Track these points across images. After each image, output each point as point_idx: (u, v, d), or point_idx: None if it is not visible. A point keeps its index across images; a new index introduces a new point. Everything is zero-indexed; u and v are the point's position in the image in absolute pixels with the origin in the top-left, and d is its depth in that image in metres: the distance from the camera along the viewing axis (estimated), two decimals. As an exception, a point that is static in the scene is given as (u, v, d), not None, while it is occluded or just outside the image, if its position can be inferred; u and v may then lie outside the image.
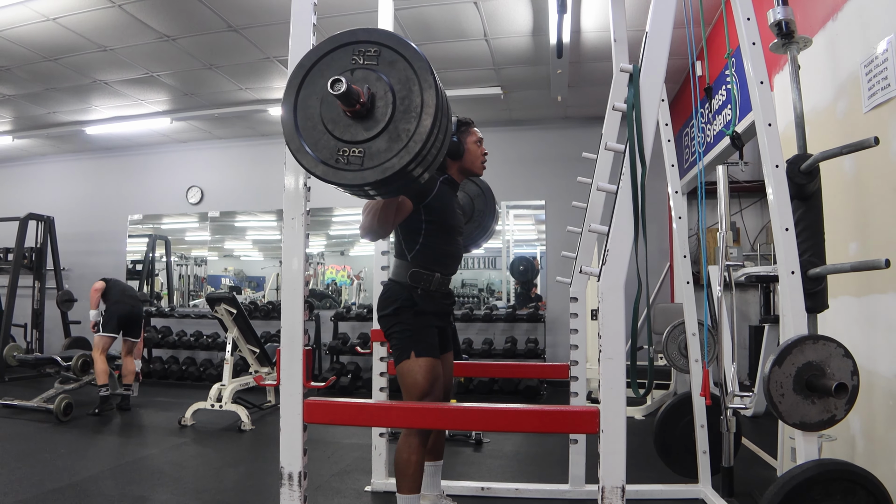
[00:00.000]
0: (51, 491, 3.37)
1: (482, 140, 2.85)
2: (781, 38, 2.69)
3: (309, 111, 1.83)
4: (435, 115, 1.75)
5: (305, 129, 1.83)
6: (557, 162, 7.84)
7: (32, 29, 5.32)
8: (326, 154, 1.80)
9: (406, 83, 1.78)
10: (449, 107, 1.91)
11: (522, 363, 6.19)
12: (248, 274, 9.17)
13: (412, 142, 1.75)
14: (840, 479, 1.93)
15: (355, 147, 1.78)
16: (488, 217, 3.30)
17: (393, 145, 1.76)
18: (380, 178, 1.76)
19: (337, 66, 1.82)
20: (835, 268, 2.33)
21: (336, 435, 4.72)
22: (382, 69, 1.80)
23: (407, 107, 1.77)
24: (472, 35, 5.57)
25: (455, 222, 2.73)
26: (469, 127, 2.82)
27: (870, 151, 2.27)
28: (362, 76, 1.80)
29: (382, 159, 1.76)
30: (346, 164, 1.78)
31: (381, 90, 1.79)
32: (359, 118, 1.78)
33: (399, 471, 2.49)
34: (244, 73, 6.50)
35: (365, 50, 1.82)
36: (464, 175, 2.86)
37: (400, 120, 1.77)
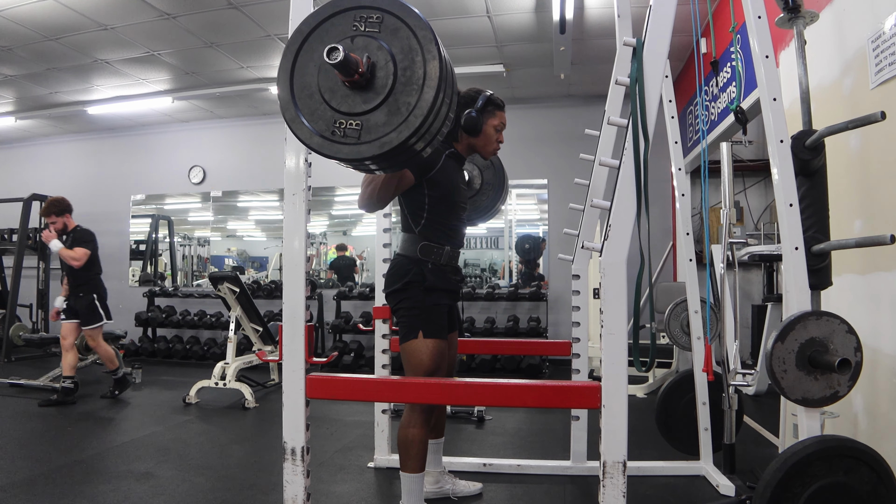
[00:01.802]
0: (57, 468, 3.41)
1: (503, 126, 2.73)
2: (788, 13, 2.66)
3: (306, 79, 1.76)
4: (438, 88, 1.66)
5: (302, 98, 1.76)
6: (560, 140, 7.80)
7: (33, 8, 5.28)
8: (322, 125, 1.73)
9: (409, 53, 1.69)
10: (454, 79, 1.82)
11: (524, 341, 6.20)
12: (252, 254, 9.18)
13: (412, 116, 1.66)
14: (842, 456, 1.94)
15: (353, 119, 1.71)
16: (497, 190, 3.22)
17: (392, 119, 1.68)
18: (377, 153, 1.69)
19: (337, 32, 1.74)
20: (839, 244, 2.32)
21: (339, 412, 4.75)
22: (384, 37, 1.71)
23: (409, 78, 1.68)
24: (475, 11, 5.51)
25: (458, 197, 2.66)
26: (497, 109, 2.69)
27: (876, 127, 2.25)
28: (363, 44, 1.71)
29: (381, 133, 1.68)
30: (342, 136, 1.71)
31: (382, 59, 1.70)
32: (357, 88, 1.71)
33: (403, 450, 2.48)
34: (245, 51, 6.46)
35: (367, 16, 1.73)
36: (471, 153, 2.76)
37: (401, 92, 1.68)
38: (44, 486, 3.12)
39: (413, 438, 2.46)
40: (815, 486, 1.91)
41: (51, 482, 3.17)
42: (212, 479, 3.31)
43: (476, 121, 2.61)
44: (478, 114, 2.62)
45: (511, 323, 7.31)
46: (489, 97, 2.66)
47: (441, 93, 1.69)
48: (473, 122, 2.61)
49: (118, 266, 9.24)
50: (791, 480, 1.90)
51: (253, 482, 3.26)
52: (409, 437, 2.46)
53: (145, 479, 3.26)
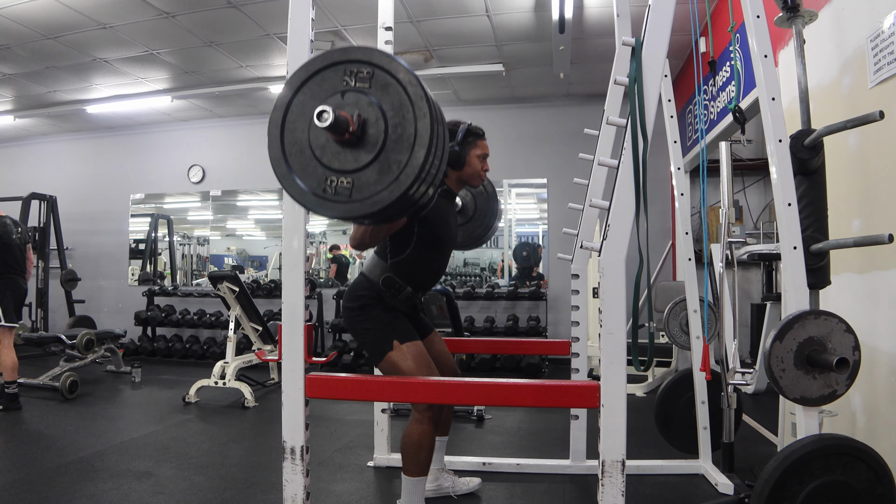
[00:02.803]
0: (57, 467, 3.41)
1: (487, 156, 2.74)
2: (786, 12, 2.66)
3: (297, 134, 1.74)
4: (429, 147, 1.64)
5: (292, 153, 1.73)
6: (560, 140, 7.80)
7: (32, 6, 5.27)
8: (314, 182, 1.71)
9: (399, 110, 1.67)
10: (446, 134, 1.78)
11: (524, 340, 6.20)
12: (251, 253, 9.17)
13: (403, 174, 1.65)
14: (840, 454, 1.94)
15: (344, 177, 1.69)
16: (490, 217, 3.22)
17: (383, 177, 1.66)
18: (369, 212, 1.67)
19: (327, 86, 1.72)
20: (838, 243, 2.32)
21: (339, 412, 4.76)
22: (375, 93, 1.69)
23: (399, 136, 1.66)
24: (474, 11, 5.51)
25: (448, 237, 2.66)
26: (477, 139, 2.69)
27: (874, 127, 2.25)
28: (353, 99, 1.69)
29: (372, 192, 1.67)
30: (334, 194, 1.69)
31: (373, 116, 1.68)
32: (348, 146, 1.69)
33: (408, 454, 2.45)
34: (244, 50, 6.45)
35: (357, 70, 1.71)
36: (461, 186, 2.76)
37: (392, 150, 1.66)
38: (44, 485, 3.13)
39: (420, 443, 2.43)
40: (814, 485, 1.91)
41: (51, 481, 3.18)
42: (211, 478, 3.32)
43: (459, 154, 2.62)
44: (459, 147, 2.63)
45: (510, 322, 7.31)
46: (468, 128, 2.66)
47: (432, 150, 1.67)
48: (457, 156, 2.62)
49: (117, 265, 9.26)
50: (789, 479, 1.91)
51: (252, 481, 3.27)
52: (416, 441, 2.43)
53: (145, 478, 3.26)
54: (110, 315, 8.94)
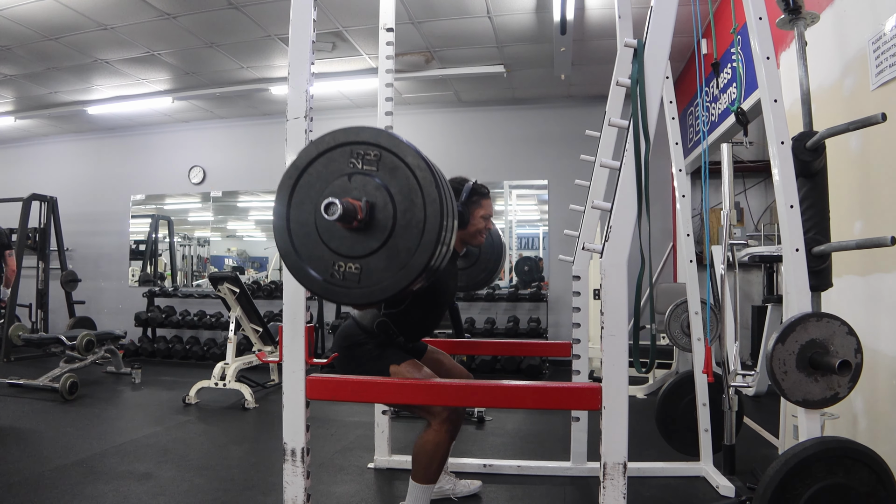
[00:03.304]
0: (57, 468, 3.41)
1: (490, 217, 2.71)
2: (789, 14, 2.66)
3: (303, 217, 1.70)
4: (439, 232, 1.61)
5: (299, 236, 1.70)
6: (561, 141, 7.79)
7: (33, 8, 5.28)
8: (321, 267, 1.67)
9: (408, 194, 1.63)
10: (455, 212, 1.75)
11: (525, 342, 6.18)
12: (251, 254, 9.17)
13: (413, 262, 1.61)
14: (842, 457, 1.94)
15: (352, 262, 1.65)
16: (493, 263, 3.21)
17: (392, 264, 1.63)
18: (378, 299, 1.65)
19: (334, 168, 1.68)
20: (840, 245, 2.32)
21: (339, 413, 4.75)
22: (383, 176, 1.65)
23: (408, 221, 1.62)
24: (475, 12, 5.51)
25: (446, 297, 2.66)
26: (482, 198, 2.66)
27: (876, 129, 2.25)
28: (361, 182, 1.65)
29: (380, 279, 1.63)
30: (342, 280, 1.65)
31: (381, 200, 1.64)
32: (356, 231, 1.65)
33: (420, 461, 2.43)
34: (245, 51, 6.45)
35: (364, 153, 1.67)
36: (464, 244, 2.75)
37: (400, 235, 1.63)
38: (43, 486, 3.12)
39: (436, 453, 2.41)
40: (815, 488, 1.91)
41: (50, 483, 3.17)
42: (212, 479, 3.31)
43: (463, 214, 2.58)
44: (464, 206, 2.59)
45: (511, 324, 7.31)
46: (473, 187, 2.62)
47: (442, 234, 1.63)
48: (461, 216, 2.56)
49: (118, 266, 9.26)
50: (791, 481, 1.90)
51: (253, 483, 3.26)
52: (429, 451, 2.41)
53: (145, 480, 3.25)
54: (110, 316, 8.94)
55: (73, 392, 5.23)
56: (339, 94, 7.74)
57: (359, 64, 6.80)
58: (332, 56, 6.51)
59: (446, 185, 1.69)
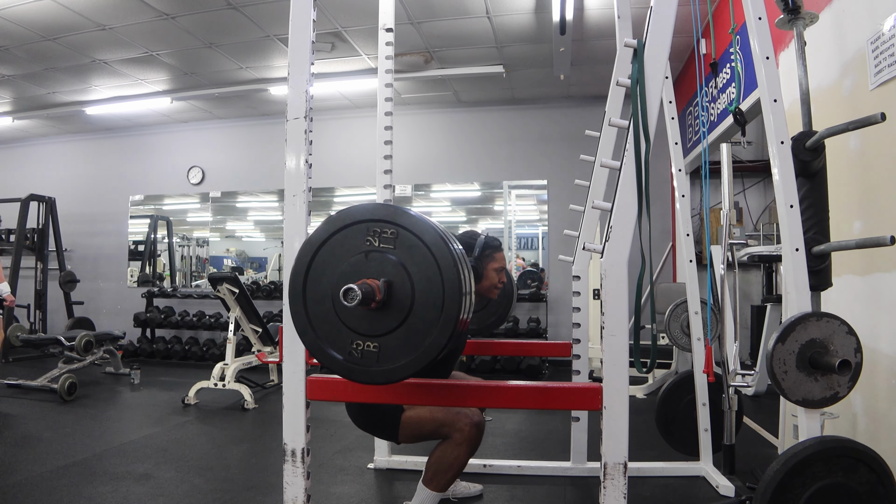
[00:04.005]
0: (56, 469, 3.40)
1: (503, 269, 2.71)
2: (788, 14, 2.67)
3: (320, 295, 1.67)
4: (458, 309, 1.59)
5: (317, 315, 1.67)
6: (560, 141, 7.79)
7: (31, 8, 5.27)
8: (339, 346, 1.65)
9: (426, 272, 1.61)
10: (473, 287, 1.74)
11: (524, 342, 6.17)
12: (250, 255, 9.17)
13: (433, 340, 1.59)
14: (842, 456, 1.94)
15: (370, 341, 1.63)
16: (503, 309, 3.20)
17: (411, 341, 1.61)
18: (398, 378, 1.63)
19: (349, 245, 1.66)
20: (839, 245, 2.32)
21: (338, 413, 4.74)
22: (400, 254, 1.63)
23: (426, 301, 1.60)
24: (475, 12, 5.51)
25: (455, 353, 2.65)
26: (495, 251, 2.66)
27: (876, 129, 2.25)
28: (378, 261, 1.63)
29: (399, 359, 1.61)
30: (359, 358, 1.63)
31: (399, 279, 1.62)
32: (374, 310, 1.63)
33: (436, 470, 2.42)
34: (244, 51, 6.45)
35: (381, 230, 1.64)
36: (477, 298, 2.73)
37: (419, 314, 1.61)
38: (43, 487, 3.12)
39: (452, 465, 2.41)
40: (815, 487, 1.91)
41: (50, 483, 3.17)
42: (211, 480, 3.31)
43: (477, 269, 2.59)
44: (477, 261, 2.59)
45: (511, 324, 7.30)
46: (485, 241, 2.63)
47: (462, 312, 1.62)
48: (475, 271, 2.56)
49: (116, 267, 9.25)
50: (791, 481, 1.90)
51: (252, 483, 3.26)
52: (448, 463, 2.40)
53: (145, 480, 3.25)
54: (109, 316, 8.94)
55: (71, 393, 5.22)
56: (338, 94, 7.74)
57: (358, 64, 6.80)
58: (331, 56, 6.50)
59: (464, 262, 1.67)
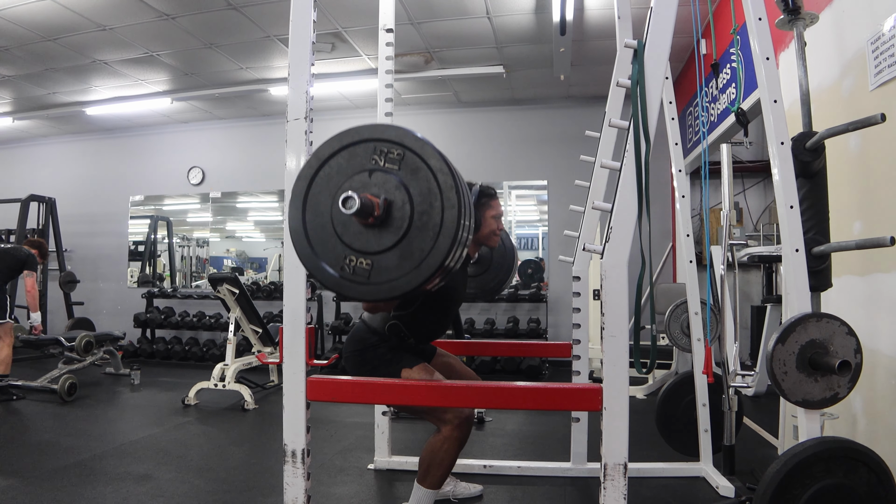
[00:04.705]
0: (56, 469, 3.40)
1: (501, 214, 2.73)
2: (788, 14, 2.67)
3: (320, 207, 1.69)
4: (454, 238, 1.60)
5: (313, 226, 1.69)
6: (560, 141, 7.79)
7: (31, 8, 5.27)
8: (332, 259, 1.67)
9: (427, 196, 1.62)
10: (472, 218, 1.76)
11: (525, 342, 6.18)
12: (250, 255, 9.16)
13: (425, 264, 1.60)
14: (842, 457, 1.94)
15: (364, 258, 1.64)
16: (505, 272, 3.22)
17: (404, 263, 1.62)
18: (386, 297, 1.64)
19: (355, 163, 1.68)
20: (839, 245, 2.32)
21: (339, 414, 4.75)
22: (404, 175, 1.64)
23: (424, 223, 1.61)
24: (475, 13, 5.51)
25: (457, 298, 2.66)
26: (490, 199, 2.68)
27: (875, 129, 2.25)
28: (381, 180, 1.65)
29: (391, 277, 1.62)
30: (351, 274, 1.65)
31: (399, 200, 1.63)
32: (371, 227, 1.65)
33: (433, 466, 2.43)
34: (244, 52, 6.45)
35: (388, 150, 1.66)
36: (477, 247, 2.76)
37: (415, 237, 1.62)
38: (42, 488, 3.11)
39: (442, 461, 2.42)
40: (815, 488, 1.91)
41: (49, 484, 3.17)
42: (211, 480, 3.31)
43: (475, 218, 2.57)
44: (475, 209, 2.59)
45: (511, 324, 7.31)
46: (480, 189, 2.64)
47: (457, 240, 1.63)
48: None
49: (116, 267, 9.25)
50: (791, 482, 1.90)
51: (253, 484, 3.26)
52: (439, 458, 2.42)
53: (144, 481, 3.25)
54: (109, 317, 8.93)
55: (71, 393, 5.22)
56: (338, 94, 7.74)
57: (358, 65, 6.80)
58: (331, 57, 6.50)
59: (466, 192, 1.68)
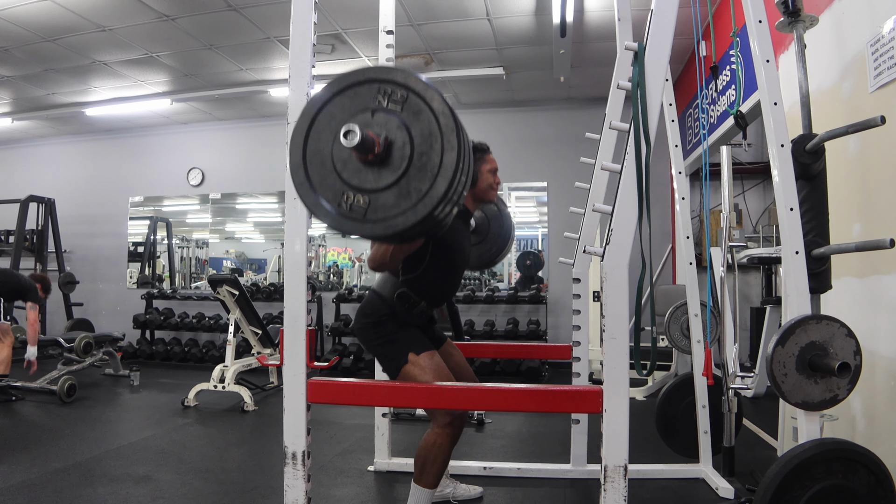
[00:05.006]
0: (55, 471, 3.40)
1: (497, 170, 2.75)
2: (788, 17, 2.67)
3: (320, 145, 1.71)
4: (452, 179, 1.62)
5: (313, 163, 1.71)
6: (560, 143, 7.80)
7: (31, 9, 5.27)
8: (330, 195, 1.69)
9: (428, 139, 1.64)
10: (471, 164, 1.77)
11: (525, 344, 6.19)
12: (250, 256, 9.16)
13: (421, 203, 1.62)
14: (841, 458, 1.95)
15: (361, 195, 1.66)
16: (502, 241, 3.22)
17: (401, 202, 1.63)
18: (381, 234, 1.66)
19: (359, 102, 1.70)
20: (839, 248, 2.32)
21: (338, 416, 4.74)
22: (406, 117, 1.66)
23: (423, 164, 1.63)
24: (475, 14, 5.52)
25: (461, 259, 2.66)
26: (485, 154, 2.70)
27: (875, 131, 2.26)
28: (383, 120, 1.67)
29: (387, 214, 1.64)
30: (348, 210, 1.67)
31: (400, 140, 1.65)
32: (371, 165, 1.67)
33: (426, 464, 2.43)
34: (244, 53, 6.45)
35: (391, 92, 1.68)
36: (476, 203, 2.77)
37: (413, 177, 1.64)
38: (42, 489, 3.11)
39: (437, 458, 2.42)
40: (815, 489, 1.91)
41: (49, 486, 3.16)
42: (211, 482, 3.30)
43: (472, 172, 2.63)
44: None
45: (511, 326, 7.31)
46: (474, 145, 2.63)
47: (455, 183, 1.64)
48: None
49: (116, 268, 9.24)
50: (791, 483, 1.91)
51: (252, 486, 3.25)
52: (434, 455, 2.42)
53: (144, 483, 3.25)
54: (108, 318, 8.92)
55: (70, 394, 5.22)
56: (337, 96, 7.73)
57: (358, 66, 6.79)
58: (331, 58, 6.51)
59: (466, 136, 1.71)
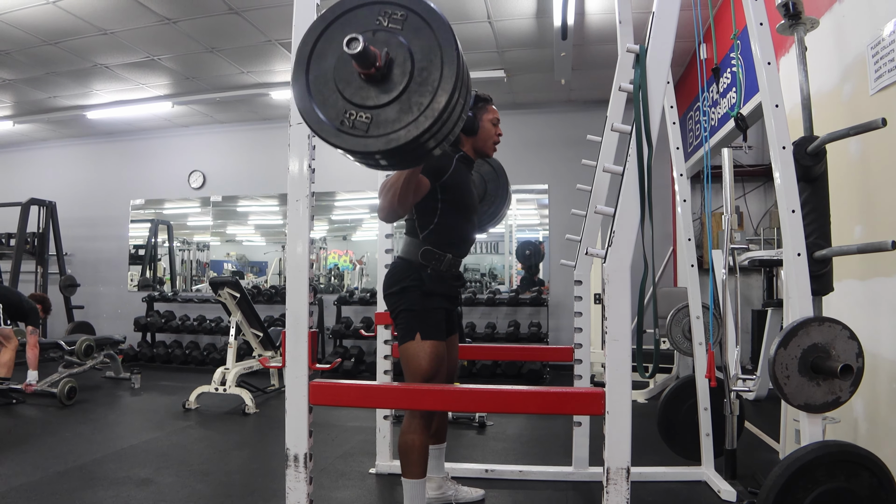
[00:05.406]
0: (56, 474, 3.40)
1: (499, 120, 2.79)
2: (788, 19, 2.68)
3: (323, 66, 1.74)
4: (452, 92, 1.65)
5: (316, 84, 1.74)
6: (561, 146, 7.81)
7: (32, 12, 5.29)
8: (332, 114, 1.72)
9: (428, 54, 1.68)
10: (469, 85, 1.83)
11: (526, 346, 6.19)
12: (251, 259, 9.17)
13: (423, 116, 1.66)
14: (844, 461, 1.94)
15: (364, 111, 1.70)
16: (500, 200, 3.25)
17: (403, 116, 1.67)
18: (383, 149, 1.68)
19: (360, 23, 1.73)
20: (841, 250, 2.32)
21: (340, 418, 4.74)
22: (406, 35, 1.70)
23: (424, 79, 1.67)
24: (476, 17, 5.52)
25: (471, 201, 2.69)
26: (487, 104, 2.75)
27: (876, 134, 2.26)
28: (384, 39, 1.70)
29: (389, 129, 1.67)
30: (350, 127, 1.70)
31: (401, 56, 1.69)
32: (372, 82, 1.69)
33: (404, 455, 2.48)
34: (246, 56, 6.46)
35: (392, 12, 1.72)
36: (477, 154, 2.80)
37: (414, 92, 1.68)
38: (42, 492, 3.11)
39: (413, 444, 2.46)
40: (817, 492, 1.91)
41: (49, 488, 3.16)
42: (212, 485, 3.30)
43: (472, 121, 2.68)
44: (473, 113, 2.68)
45: (512, 328, 7.31)
46: (476, 95, 2.70)
47: (455, 96, 1.67)
48: (471, 122, 2.67)
49: (117, 271, 9.25)
50: (794, 486, 1.90)
51: (254, 488, 3.25)
52: (409, 442, 2.47)
53: (145, 486, 3.25)
54: (109, 321, 8.93)
55: (71, 397, 5.22)
56: (338, 98, 7.74)
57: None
58: (331, 61, 6.51)
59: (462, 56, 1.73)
